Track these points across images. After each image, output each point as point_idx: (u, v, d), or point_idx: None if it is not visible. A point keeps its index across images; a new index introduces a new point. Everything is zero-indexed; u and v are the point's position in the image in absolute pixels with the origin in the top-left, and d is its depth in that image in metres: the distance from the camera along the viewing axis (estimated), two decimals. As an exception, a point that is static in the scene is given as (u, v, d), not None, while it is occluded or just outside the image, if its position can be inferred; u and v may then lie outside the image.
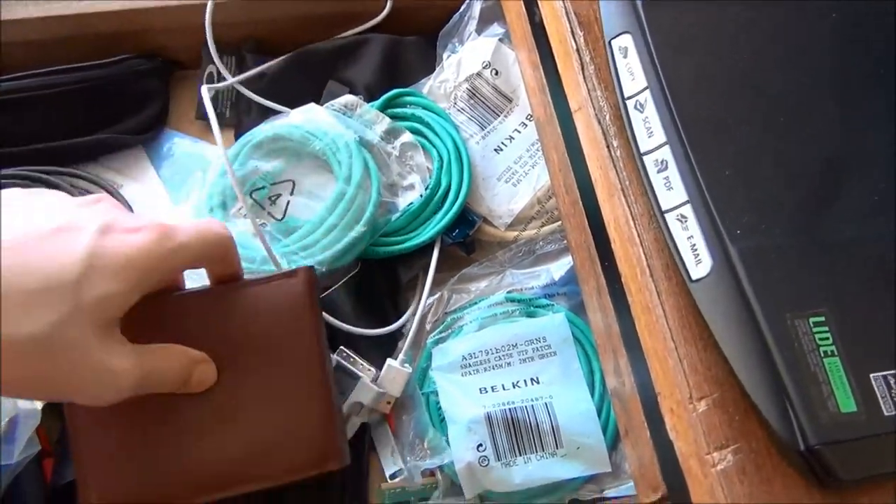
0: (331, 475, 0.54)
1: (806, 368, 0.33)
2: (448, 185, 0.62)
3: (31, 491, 0.51)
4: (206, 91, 0.60)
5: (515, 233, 0.62)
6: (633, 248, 0.42)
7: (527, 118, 0.64)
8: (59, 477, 0.51)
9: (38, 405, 0.43)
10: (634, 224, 0.42)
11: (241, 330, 0.49)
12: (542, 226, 0.62)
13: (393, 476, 0.56)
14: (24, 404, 0.42)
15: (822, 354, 0.33)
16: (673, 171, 0.39)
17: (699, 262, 0.38)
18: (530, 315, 0.59)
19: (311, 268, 0.52)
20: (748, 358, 0.34)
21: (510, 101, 0.64)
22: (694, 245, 0.38)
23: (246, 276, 0.51)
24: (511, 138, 0.64)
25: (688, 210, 0.38)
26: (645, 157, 0.41)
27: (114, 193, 0.59)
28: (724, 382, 0.38)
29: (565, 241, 0.60)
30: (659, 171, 0.40)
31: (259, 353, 0.49)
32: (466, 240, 0.63)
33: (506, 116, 0.64)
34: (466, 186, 0.61)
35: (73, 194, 0.55)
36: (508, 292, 0.60)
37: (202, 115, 0.69)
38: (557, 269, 0.60)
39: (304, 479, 0.51)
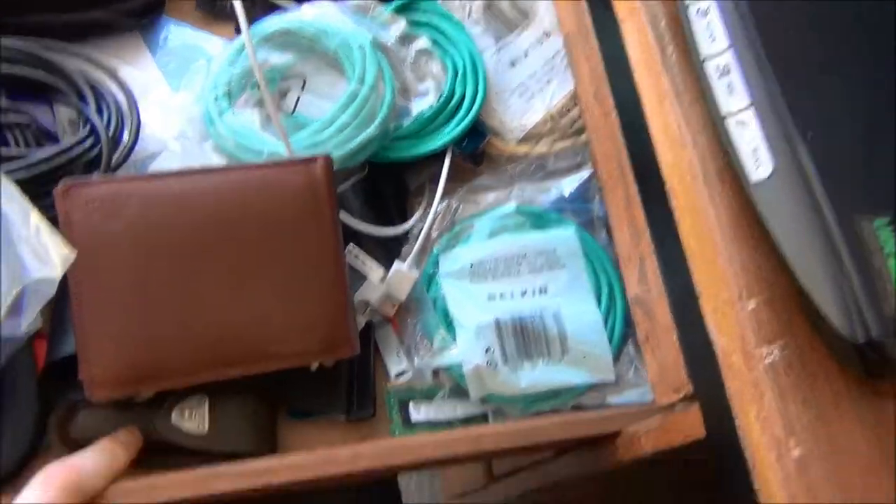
0: (338, 373, 0.54)
1: (870, 266, 0.35)
2: (462, 94, 0.61)
3: (21, 370, 0.49)
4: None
5: (526, 148, 0.62)
6: (684, 152, 0.42)
7: (543, 35, 0.63)
8: (51, 354, 0.49)
9: (57, 274, 0.40)
10: (688, 129, 0.42)
11: (258, 209, 0.49)
12: (554, 142, 0.62)
13: (398, 375, 0.57)
14: (39, 272, 0.40)
15: (886, 256, 0.35)
16: (735, 76, 0.40)
17: (759, 166, 0.39)
18: (540, 227, 0.60)
19: (329, 157, 0.51)
20: (810, 256, 0.36)
21: (526, 16, 0.64)
22: (755, 149, 0.39)
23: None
24: (526, 54, 0.63)
25: (749, 114, 0.39)
26: (706, 63, 0.41)
27: (113, 75, 0.56)
28: (774, 283, 0.39)
29: (578, 159, 0.61)
30: (721, 77, 0.41)
31: (275, 235, 0.49)
32: (476, 152, 0.62)
33: (521, 31, 0.64)
34: (481, 97, 0.61)
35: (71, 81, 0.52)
36: (519, 204, 0.60)
37: (202, 5, 0.65)
38: (568, 185, 0.61)
39: (311, 371, 0.51)
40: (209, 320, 0.47)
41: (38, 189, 0.47)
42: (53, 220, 0.49)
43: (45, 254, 0.39)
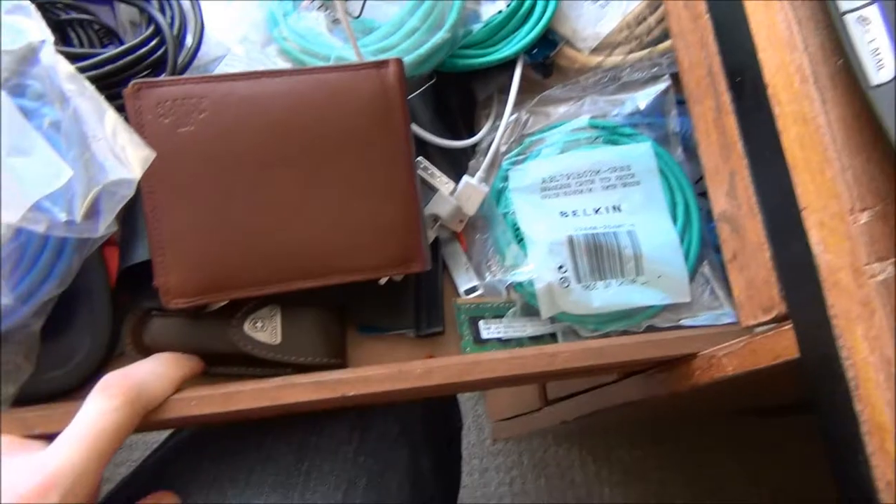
0: (406, 288, 0.53)
1: None
2: (535, -1, 0.58)
3: (94, 277, 0.48)
4: None
5: (599, 58, 0.59)
6: (792, 54, 0.39)
7: (621, -65, 0.59)
8: (123, 261, 0.48)
9: (136, 175, 0.39)
10: (799, 29, 0.39)
11: (329, 114, 0.47)
12: (629, 52, 0.59)
13: (468, 292, 0.55)
14: (117, 173, 0.38)
15: None
16: (858, -31, 0.37)
17: (881, 67, 0.36)
18: (613, 143, 0.57)
19: (400, 60, 0.49)
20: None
21: (604, -86, 0.60)
22: (876, 49, 0.36)
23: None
24: (602, -45, 0.59)
25: (872, 10, 0.36)
26: (823, -45, 0.38)
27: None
28: (888, 195, 0.37)
29: (654, 70, 0.58)
30: (841, -31, 0.37)
31: (347, 141, 0.47)
32: (546, 61, 0.59)
33: (599, -69, 0.60)
34: (554, 3, 0.58)
35: None
36: (591, 118, 0.58)
37: None
38: (643, 97, 0.58)
39: (380, 286, 0.50)
40: (285, 229, 0.45)
41: (105, 89, 0.46)
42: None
43: (123, 154, 0.38)
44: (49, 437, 0.40)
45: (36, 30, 0.39)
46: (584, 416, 0.75)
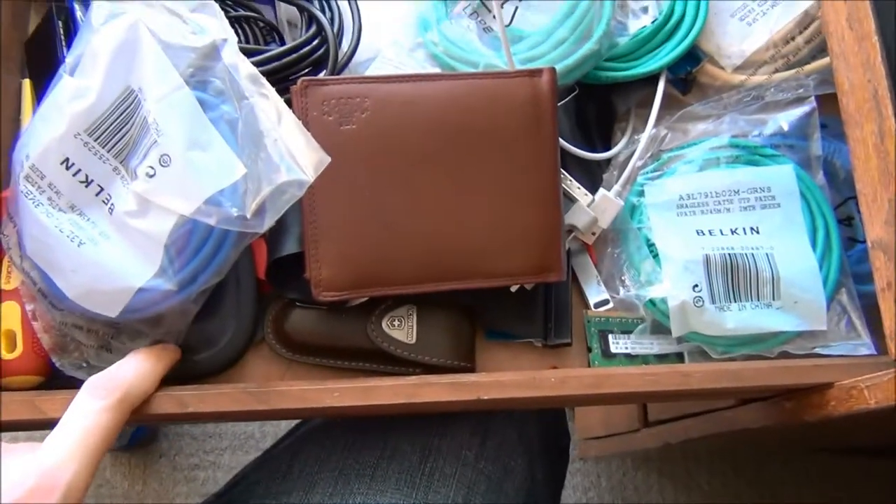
0: (536, 297, 0.53)
1: None
2: (682, 13, 0.57)
3: (243, 267, 0.50)
4: None
5: (743, 77, 0.58)
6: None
7: (773, -48, 0.58)
8: (273, 253, 0.50)
9: (310, 177, 0.40)
10: None
11: (483, 119, 0.47)
12: (774, 71, 0.58)
13: (598, 305, 0.55)
14: (290, 174, 0.39)
15: None
16: None
17: None
18: (753, 163, 0.56)
19: (554, 69, 0.49)
20: None
21: (756, -70, 0.59)
22: None
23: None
24: (752, -28, 0.59)
25: None
26: None
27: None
28: None
29: (800, 91, 0.57)
30: None
31: (499, 147, 0.48)
32: (687, 77, 0.59)
33: (749, -52, 0.59)
34: (703, 18, 0.57)
35: None
36: (731, 137, 0.57)
37: None
38: (786, 118, 0.57)
39: (511, 293, 0.50)
40: (433, 230, 0.46)
41: (269, 85, 0.47)
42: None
43: (298, 156, 0.39)
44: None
45: (219, 28, 0.41)
46: (692, 440, 0.73)
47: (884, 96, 0.45)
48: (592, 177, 0.57)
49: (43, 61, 0.53)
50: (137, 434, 1.15)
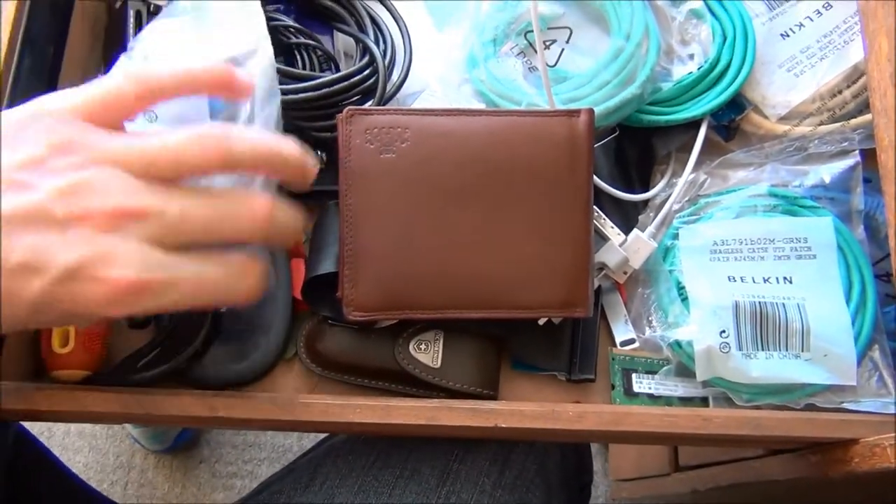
0: (562, 331, 0.54)
1: None
2: (728, 62, 0.58)
3: (281, 283, 0.52)
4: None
5: (787, 127, 0.58)
6: None
7: (823, 6, 0.59)
8: (309, 272, 0.52)
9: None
10: None
11: (520, 155, 0.49)
12: (819, 124, 0.58)
13: (624, 343, 0.56)
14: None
15: None
16: None
17: None
18: (791, 213, 0.56)
19: (592, 110, 0.51)
20: None
21: (808, -17, 0.59)
22: None
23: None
24: (801, 25, 0.59)
25: None
26: None
27: (392, 10, 0.57)
28: None
29: (844, 144, 0.57)
30: None
31: (532, 183, 0.49)
32: (730, 124, 0.59)
33: (799, 0, 0.59)
34: (749, 68, 0.58)
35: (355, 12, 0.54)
36: (771, 186, 0.57)
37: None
38: (828, 171, 0.57)
39: (538, 325, 0.51)
40: (463, 259, 0.48)
41: (317, 110, 0.50)
42: (326, 141, 0.52)
43: None
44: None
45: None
46: (720, 488, 0.73)
47: (920, 155, 0.45)
48: (628, 217, 0.58)
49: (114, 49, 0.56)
50: (181, 438, 1.18)
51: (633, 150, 0.60)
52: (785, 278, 0.54)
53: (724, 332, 0.53)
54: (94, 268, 0.31)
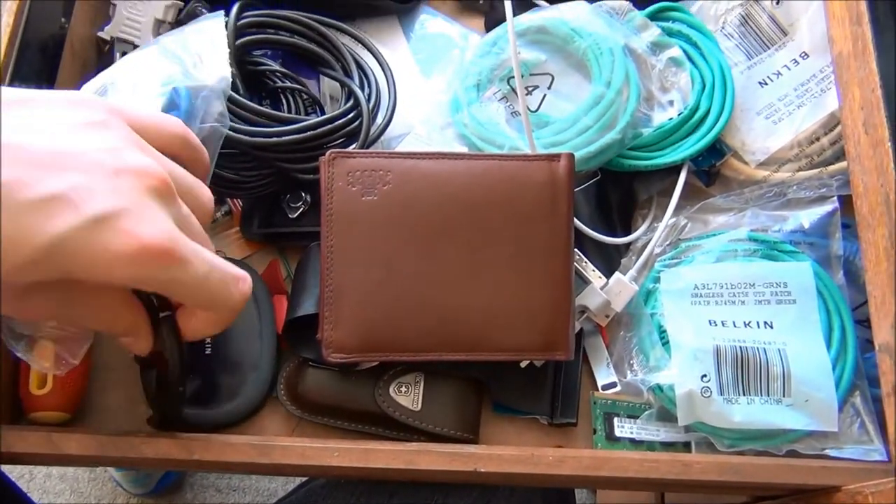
0: (545, 374, 0.54)
1: None
2: (707, 109, 0.59)
3: (265, 325, 0.52)
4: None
5: (766, 173, 0.59)
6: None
7: (800, 56, 0.60)
8: (290, 312, 0.52)
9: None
10: None
11: (500, 198, 0.49)
12: (798, 170, 0.59)
13: (606, 387, 0.56)
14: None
15: None
16: None
17: None
18: (771, 258, 0.57)
19: (572, 155, 0.51)
20: None
21: (785, 34, 0.61)
22: None
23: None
24: (779, 74, 0.60)
25: None
26: None
27: (378, 56, 0.58)
28: None
29: (822, 190, 0.58)
30: None
31: (512, 226, 0.49)
32: (711, 169, 0.60)
33: (777, 50, 0.61)
34: (727, 114, 0.59)
35: (341, 56, 0.55)
36: (751, 231, 0.57)
37: (462, -2, 0.67)
38: (808, 216, 0.57)
39: (520, 368, 0.51)
40: (442, 302, 0.48)
41: (301, 153, 0.51)
42: (310, 183, 0.52)
43: None
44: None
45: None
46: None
47: (892, 202, 0.46)
48: (611, 261, 0.58)
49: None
50: (164, 481, 1.17)
51: (615, 194, 0.61)
52: (765, 323, 0.55)
53: (705, 376, 0.53)
54: (128, 220, 0.31)
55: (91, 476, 1.20)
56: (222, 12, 0.54)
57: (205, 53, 0.50)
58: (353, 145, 0.53)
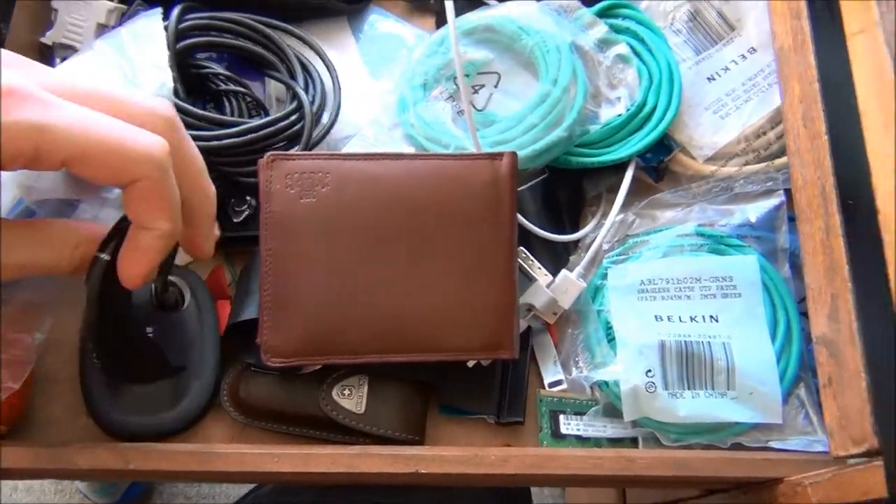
0: (492, 374, 0.54)
1: None
2: (654, 105, 0.59)
3: (208, 331, 0.52)
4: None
5: (713, 167, 0.59)
6: (905, 188, 0.39)
7: (748, 51, 0.60)
8: (232, 317, 0.52)
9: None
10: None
11: (442, 198, 0.49)
12: (745, 164, 0.59)
13: (552, 385, 0.56)
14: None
15: None
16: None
17: None
18: (718, 252, 0.57)
19: (514, 153, 0.51)
20: None
21: (733, 29, 0.61)
22: None
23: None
24: (726, 69, 0.60)
25: None
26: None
27: (323, 58, 0.58)
28: None
29: (769, 184, 0.58)
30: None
31: (455, 226, 0.49)
32: (659, 165, 0.60)
33: (725, 45, 0.61)
34: (674, 110, 0.59)
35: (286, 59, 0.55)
36: (698, 225, 0.58)
37: (411, -3, 0.67)
38: (754, 210, 0.58)
39: (466, 368, 0.51)
40: (385, 304, 0.48)
41: (243, 156, 0.50)
42: (254, 187, 0.52)
43: None
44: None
45: None
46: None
47: (830, 194, 0.46)
48: (559, 259, 0.58)
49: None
50: (132, 491, 1.16)
51: (564, 191, 0.61)
52: (711, 317, 0.55)
53: (650, 371, 0.53)
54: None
55: (58, 488, 1.19)
56: (158, 10, 0.53)
57: (143, 58, 0.50)
58: (296, 148, 0.53)
